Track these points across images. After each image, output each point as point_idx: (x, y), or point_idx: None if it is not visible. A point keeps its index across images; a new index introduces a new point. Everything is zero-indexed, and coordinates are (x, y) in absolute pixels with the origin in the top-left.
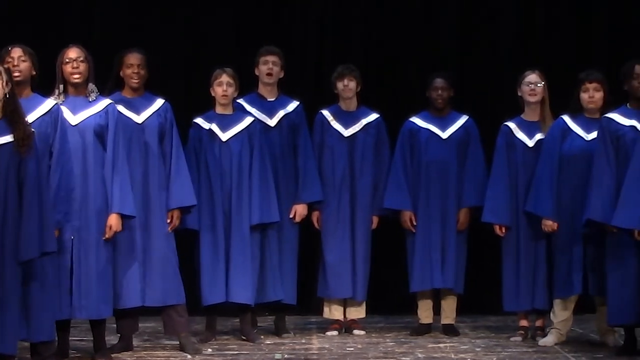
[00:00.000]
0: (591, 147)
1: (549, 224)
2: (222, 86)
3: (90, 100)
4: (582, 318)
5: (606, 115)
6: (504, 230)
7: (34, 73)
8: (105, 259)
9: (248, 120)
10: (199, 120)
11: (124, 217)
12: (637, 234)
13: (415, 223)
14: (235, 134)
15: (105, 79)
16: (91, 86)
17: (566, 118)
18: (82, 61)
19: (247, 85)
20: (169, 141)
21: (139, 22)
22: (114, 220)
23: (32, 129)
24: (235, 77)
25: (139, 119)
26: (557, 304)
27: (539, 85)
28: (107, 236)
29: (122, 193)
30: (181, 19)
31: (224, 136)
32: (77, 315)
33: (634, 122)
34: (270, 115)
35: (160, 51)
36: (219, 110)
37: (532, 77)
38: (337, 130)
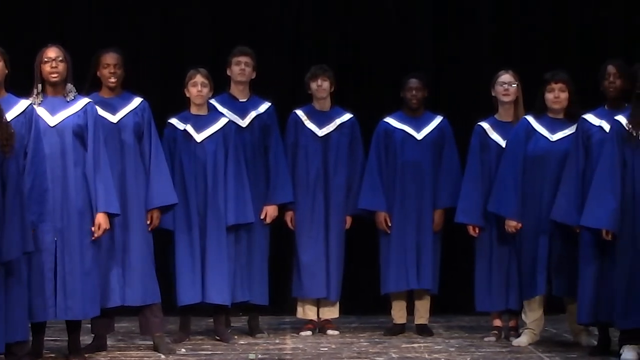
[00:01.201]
0: (556, 148)
1: (513, 225)
2: (197, 86)
3: (68, 100)
4: (556, 318)
5: (583, 115)
6: (477, 231)
7: (7, 72)
8: (90, 259)
9: (223, 121)
10: (173, 121)
11: (109, 216)
12: (605, 233)
13: (390, 224)
14: (210, 135)
15: (81, 79)
16: (69, 86)
17: (530, 118)
18: (61, 61)
19: (220, 86)
20: (147, 140)
21: (115, 22)
22: (102, 219)
23: (13, 130)
24: (209, 77)
25: (114, 118)
26: (526, 304)
27: (512, 85)
28: (96, 235)
29: (107, 192)
30: (157, 19)
31: (199, 137)
32: (62, 316)
33: (602, 123)
34: (242, 115)
35: (135, 52)
36: (193, 110)
37: (505, 77)
38: (311, 130)
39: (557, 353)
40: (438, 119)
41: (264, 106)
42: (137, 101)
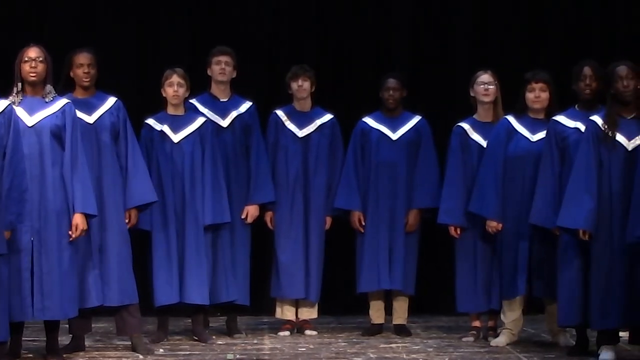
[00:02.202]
0: (536, 148)
1: (493, 225)
2: (173, 86)
3: (47, 101)
4: (534, 318)
5: (553, 117)
6: (458, 232)
7: None
8: (68, 260)
9: (200, 121)
10: (150, 121)
11: (86, 217)
12: (582, 233)
13: (364, 223)
14: (187, 135)
15: (57, 79)
16: (48, 87)
17: (511, 119)
18: (41, 61)
19: (200, 86)
20: (123, 140)
21: (90, 22)
22: (79, 220)
23: None
24: (186, 77)
25: (90, 119)
26: (505, 304)
27: (491, 85)
28: (74, 236)
29: (84, 192)
30: (133, 18)
31: (176, 137)
32: (39, 317)
33: (578, 124)
34: (223, 115)
35: (111, 51)
36: (170, 111)
37: (484, 77)
38: (291, 131)
39: (536, 353)
40: (415, 119)
41: (245, 106)
42: (111, 101)
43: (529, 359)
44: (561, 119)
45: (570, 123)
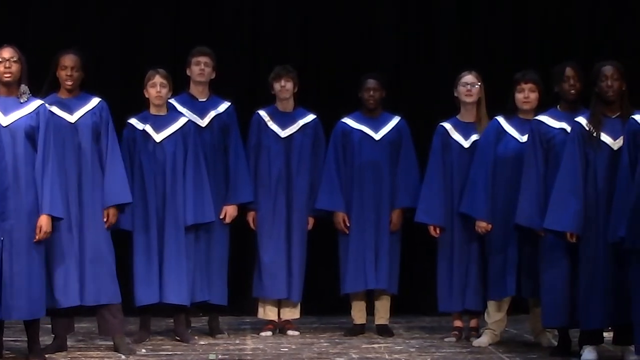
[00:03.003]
0: (525, 149)
1: (483, 226)
2: (156, 87)
3: (22, 101)
4: (516, 319)
5: (536, 117)
6: (437, 231)
7: None
8: (37, 260)
9: (182, 120)
10: (132, 121)
11: (53, 219)
12: (570, 236)
13: (348, 224)
14: (169, 135)
15: (41, 80)
16: (23, 87)
17: (501, 119)
18: (15, 61)
19: (181, 86)
20: (104, 140)
21: (74, 22)
22: (44, 222)
23: None
24: (168, 78)
25: (71, 118)
26: (491, 305)
27: (475, 86)
28: (37, 238)
29: (52, 195)
30: (116, 19)
31: (158, 137)
32: (6, 317)
33: (563, 125)
34: (201, 115)
35: (95, 52)
36: (153, 111)
37: (468, 77)
38: (273, 131)
39: (518, 353)
40: (396, 119)
41: (224, 106)
42: (95, 101)
43: (511, 359)
44: (545, 119)
45: (555, 124)
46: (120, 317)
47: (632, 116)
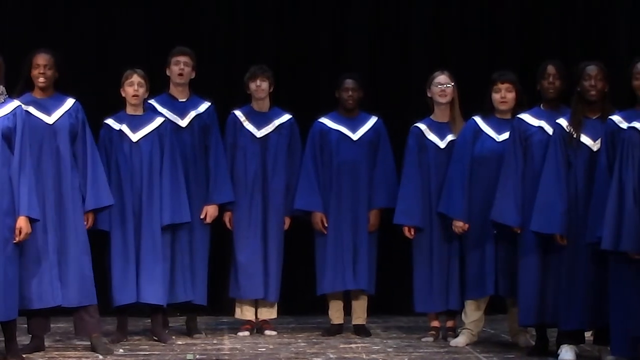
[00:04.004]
0: (502, 148)
1: (460, 225)
2: (133, 86)
3: None
4: (494, 318)
5: (518, 115)
6: (412, 232)
7: None
8: (11, 261)
9: (158, 120)
10: (109, 121)
11: (31, 220)
12: (559, 238)
13: (326, 224)
14: (146, 135)
15: (15, 80)
16: (0, 88)
17: (477, 119)
18: None
19: (159, 86)
20: (81, 141)
21: (49, 21)
22: (23, 223)
23: None
24: (145, 77)
25: (49, 119)
26: (468, 304)
27: (448, 86)
28: (17, 240)
29: (30, 196)
30: (92, 18)
31: (134, 137)
32: None
33: (542, 123)
34: (182, 115)
35: (69, 52)
36: (129, 110)
37: (441, 78)
38: (249, 131)
39: (495, 353)
40: (373, 120)
41: (204, 106)
42: (70, 102)
43: (488, 359)
44: (525, 117)
45: (534, 122)
46: (97, 317)
47: (610, 117)
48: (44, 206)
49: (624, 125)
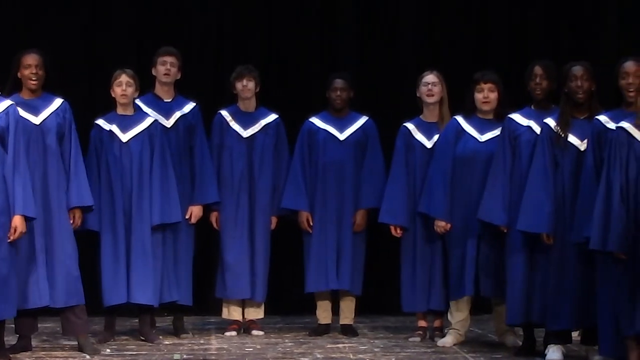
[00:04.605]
0: (485, 148)
1: (442, 225)
2: (122, 86)
3: None
4: (480, 318)
5: (509, 115)
6: (399, 231)
7: None
8: (5, 260)
9: (149, 120)
10: (100, 122)
11: (26, 219)
12: (546, 237)
13: (312, 224)
14: (136, 135)
15: (2, 80)
16: None
17: (460, 119)
18: None
19: (145, 86)
20: (67, 141)
21: (37, 22)
22: (18, 222)
23: None
24: (135, 77)
25: (37, 120)
26: (453, 304)
27: (436, 86)
28: (12, 238)
29: (25, 195)
30: (79, 19)
31: (124, 137)
32: None
33: (531, 123)
34: (167, 116)
35: (58, 52)
36: (119, 111)
37: (429, 77)
38: (235, 131)
39: (482, 353)
40: (363, 120)
41: (189, 106)
42: (58, 102)
43: (475, 359)
44: (516, 117)
45: (523, 121)
46: (84, 317)
47: (597, 117)
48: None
49: (611, 125)
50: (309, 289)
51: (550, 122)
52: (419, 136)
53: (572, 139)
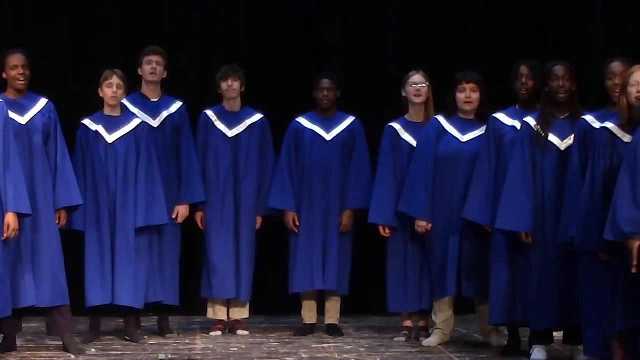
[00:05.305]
0: (466, 148)
1: (423, 225)
2: (112, 88)
3: None
4: (466, 318)
5: (493, 114)
6: (387, 231)
7: None
8: (1, 258)
9: (135, 122)
10: (86, 122)
11: (19, 216)
12: (525, 236)
13: (298, 224)
14: (122, 136)
15: None
16: None
17: (441, 119)
18: None
19: (132, 86)
20: (53, 141)
21: (23, 22)
22: (11, 219)
23: None
24: (125, 79)
25: (22, 120)
26: (436, 305)
27: (423, 85)
28: (5, 236)
29: (17, 191)
30: (66, 19)
31: (110, 138)
32: None
33: (516, 123)
34: (154, 115)
35: (43, 52)
36: (107, 111)
37: (416, 77)
38: (221, 131)
39: (467, 353)
40: (349, 120)
41: (176, 106)
42: (43, 102)
43: (460, 358)
44: (500, 116)
45: (508, 121)
46: (70, 317)
47: (583, 117)
48: None
49: (597, 125)
50: (294, 289)
51: (531, 120)
52: (407, 136)
53: (553, 138)
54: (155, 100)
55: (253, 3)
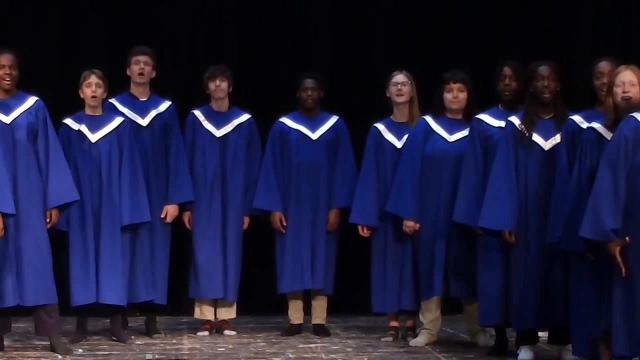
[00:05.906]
0: (454, 148)
1: (410, 225)
2: (91, 87)
3: None
4: (453, 318)
5: (477, 116)
6: (366, 231)
7: None
8: None
9: (118, 120)
10: (68, 121)
11: (3, 216)
12: (508, 235)
13: (285, 224)
14: (105, 135)
15: None
16: None
17: (428, 119)
18: None
19: (118, 86)
20: (43, 139)
21: (9, 22)
22: None
23: None
24: (104, 78)
25: (7, 119)
26: (423, 305)
27: (405, 85)
28: None
29: (1, 192)
30: (53, 18)
31: (93, 137)
32: None
33: (502, 123)
34: (142, 115)
35: (31, 52)
36: (88, 111)
37: (399, 77)
38: (208, 131)
39: (455, 353)
40: (333, 119)
41: (165, 105)
42: (31, 100)
43: (448, 358)
44: (485, 117)
45: (494, 122)
46: (57, 317)
47: (571, 117)
48: None
49: (585, 125)
50: (283, 289)
51: (515, 120)
52: (389, 136)
53: (537, 138)
54: (144, 99)
55: (241, 3)
